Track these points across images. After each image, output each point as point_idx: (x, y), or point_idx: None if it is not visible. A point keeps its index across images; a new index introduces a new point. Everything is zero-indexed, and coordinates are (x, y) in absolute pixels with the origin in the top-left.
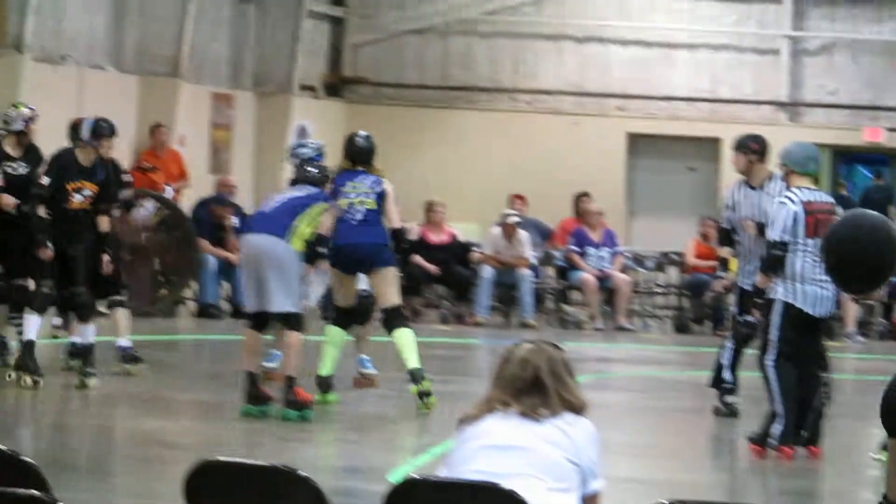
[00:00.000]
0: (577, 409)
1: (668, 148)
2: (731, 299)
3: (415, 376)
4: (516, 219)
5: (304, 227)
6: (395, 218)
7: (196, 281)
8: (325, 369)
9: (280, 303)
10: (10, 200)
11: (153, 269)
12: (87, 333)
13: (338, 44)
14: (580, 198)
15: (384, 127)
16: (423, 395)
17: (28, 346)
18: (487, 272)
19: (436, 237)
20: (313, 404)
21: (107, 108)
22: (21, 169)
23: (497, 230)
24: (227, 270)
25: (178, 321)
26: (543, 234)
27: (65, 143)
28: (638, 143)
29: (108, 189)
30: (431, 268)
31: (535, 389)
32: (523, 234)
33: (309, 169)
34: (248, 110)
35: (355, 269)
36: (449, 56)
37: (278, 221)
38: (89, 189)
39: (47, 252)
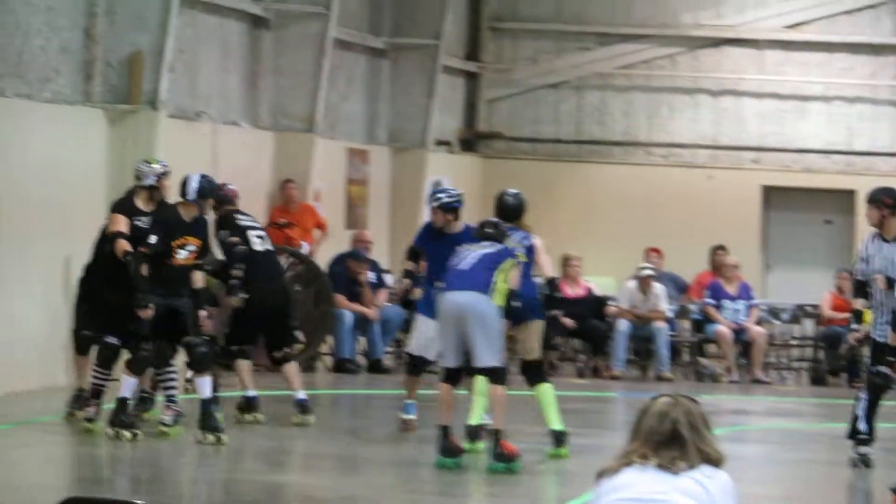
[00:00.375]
0: (714, 461)
1: (803, 200)
2: (866, 351)
3: (559, 439)
4: (651, 272)
5: (501, 283)
6: (547, 268)
7: (332, 336)
8: (475, 418)
9: (486, 358)
10: (125, 246)
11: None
12: (203, 386)
13: (472, 98)
14: (716, 251)
15: (519, 181)
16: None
17: (122, 403)
18: (623, 326)
19: (572, 291)
20: (519, 456)
21: (242, 163)
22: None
23: (633, 284)
24: (363, 325)
25: (315, 376)
26: (679, 287)
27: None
28: (773, 196)
29: (207, 244)
30: (568, 322)
31: (674, 442)
32: (659, 288)
33: (488, 230)
34: (383, 165)
35: (506, 320)
36: (583, 110)
37: (480, 278)
38: (193, 244)
39: (148, 312)
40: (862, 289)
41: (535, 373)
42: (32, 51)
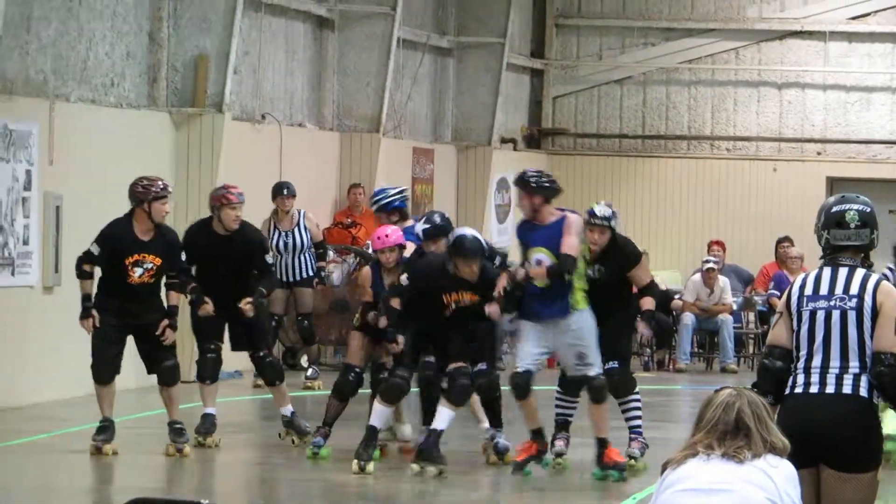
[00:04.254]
0: (779, 450)
1: (867, 191)
2: None
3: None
4: (714, 265)
5: None
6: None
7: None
8: None
9: None
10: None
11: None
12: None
13: (538, 95)
14: (780, 242)
15: (584, 177)
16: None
17: (435, 435)
18: (689, 319)
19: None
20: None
21: (307, 165)
22: None
23: (697, 277)
24: None
25: None
26: (744, 280)
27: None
28: (838, 187)
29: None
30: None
31: (739, 432)
32: (723, 280)
33: None
34: (448, 164)
35: None
36: (648, 105)
37: None
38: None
39: (397, 347)
40: None
41: None
42: (97, 56)
